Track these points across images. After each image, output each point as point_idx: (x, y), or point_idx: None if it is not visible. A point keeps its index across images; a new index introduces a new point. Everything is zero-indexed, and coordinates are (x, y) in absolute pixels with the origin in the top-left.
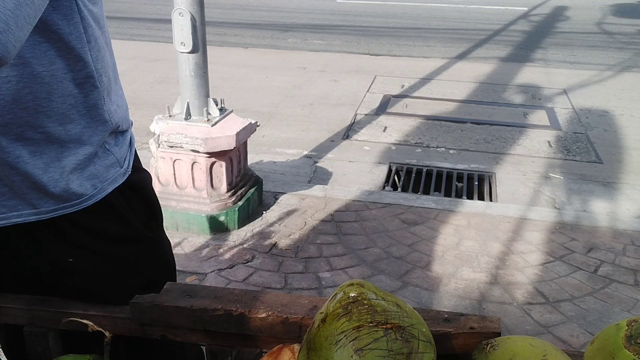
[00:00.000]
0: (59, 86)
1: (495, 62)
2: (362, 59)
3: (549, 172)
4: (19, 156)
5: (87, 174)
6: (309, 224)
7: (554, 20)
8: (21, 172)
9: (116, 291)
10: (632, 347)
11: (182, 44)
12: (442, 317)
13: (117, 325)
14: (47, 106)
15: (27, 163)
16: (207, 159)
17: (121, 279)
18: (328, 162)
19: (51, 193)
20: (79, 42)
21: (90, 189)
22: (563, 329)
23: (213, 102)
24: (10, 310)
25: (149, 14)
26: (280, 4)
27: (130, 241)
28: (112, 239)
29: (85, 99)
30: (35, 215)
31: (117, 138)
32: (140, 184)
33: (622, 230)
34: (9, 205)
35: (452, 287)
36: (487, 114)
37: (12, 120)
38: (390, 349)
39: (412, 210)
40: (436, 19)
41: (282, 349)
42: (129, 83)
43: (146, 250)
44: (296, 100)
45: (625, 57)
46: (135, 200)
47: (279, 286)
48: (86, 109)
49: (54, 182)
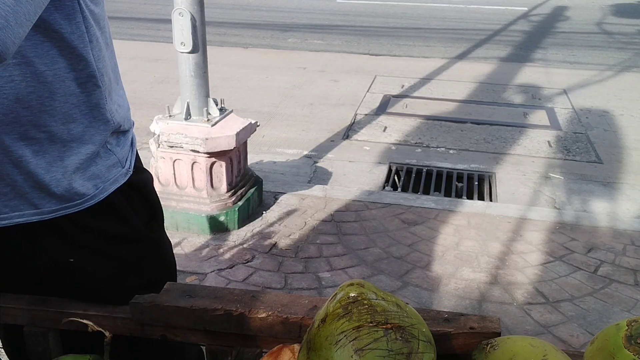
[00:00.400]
0: (62, 85)
1: (495, 62)
2: (362, 59)
3: (549, 172)
4: (21, 155)
5: (89, 174)
6: (309, 224)
7: (554, 20)
8: (24, 171)
9: (117, 291)
10: (632, 347)
11: (182, 44)
12: (442, 317)
13: (117, 325)
14: (49, 105)
15: (29, 162)
16: (207, 159)
17: (122, 279)
18: (328, 162)
19: (53, 193)
20: (81, 41)
21: (92, 189)
22: (563, 329)
23: (213, 102)
24: (10, 310)
25: (149, 14)
26: (280, 4)
27: (131, 241)
28: (113, 238)
29: (88, 98)
30: (37, 215)
31: (119, 138)
32: (141, 184)
33: (622, 230)
34: (11, 205)
35: (452, 287)
36: (487, 114)
37: (16, 119)
38: (390, 349)
39: (412, 210)
40: (436, 19)
41: (282, 349)
42: (129, 83)
43: (147, 250)
44: (296, 100)
45: (625, 57)
46: (136, 200)
47: (279, 286)
48: (88, 109)
49: (56, 182)
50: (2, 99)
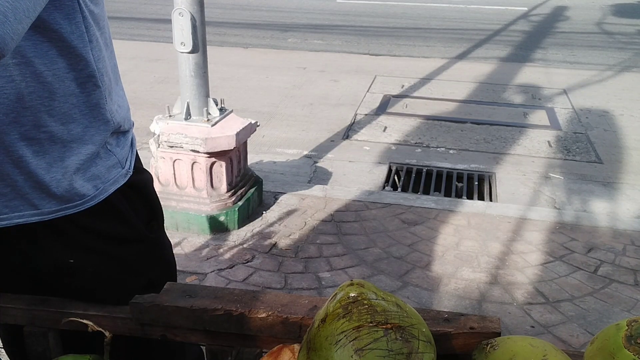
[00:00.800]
0: (61, 85)
1: (495, 62)
2: (362, 59)
3: (549, 172)
4: (22, 155)
5: (89, 174)
6: (309, 224)
7: (554, 20)
8: (24, 171)
9: (116, 291)
10: (632, 347)
11: (182, 44)
12: (442, 317)
13: (117, 325)
14: (49, 105)
15: (30, 163)
16: (207, 159)
17: (122, 280)
18: (328, 162)
19: (53, 193)
20: (81, 41)
21: (92, 190)
22: (563, 329)
23: (213, 102)
24: (10, 310)
25: (149, 14)
26: (280, 4)
27: (131, 241)
28: (114, 239)
29: (87, 98)
30: (37, 216)
31: (119, 138)
32: (141, 185)
33: (622, 230)
34: (11, 205)
35: (452, 287)
36: (487, 114)
37: (16, 119)
38: (390, 349)
39: (412, 210)
40: (436, 19)
41: (282, 349)
42: (129, 83)
43: (147, 251)
44: (296, 100)
45: (625, 57)
46: (136, 201)
47: (279, 286)
48: (88, 109)
49: (57, 182)
50: (3, 99)
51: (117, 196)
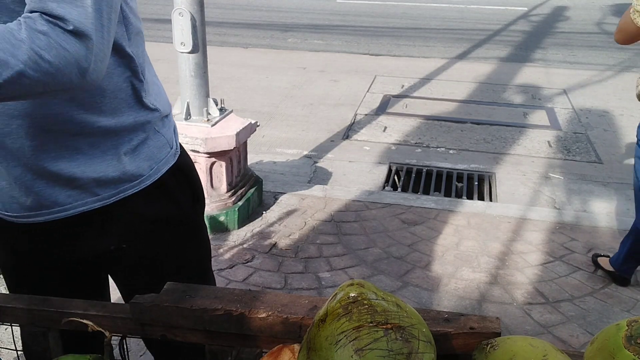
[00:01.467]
0: (110, 82)
1: (495, 62)
2: (362, 59)
3: (549, 172)
4: (77, 148)
5: (142, 155)
6: (309, 224)
7: (554, 20)
8: (81, 162)
9: (156, 276)
10: (632, 347)
11: (182, 44)
12: (442, 317)
13: (117, 325)
14: (101, 102)
15: (85, 154)
16: (207, 159)
17: (166, 263)
18: (328, 162)
19: (111, 178)
20: (123, 39)
21: (147, 170)
22: (563, 329)
23: (213, 102)
24: (10, 310)
25: (149, 14)
26: (280, 4)
27: (177, 224)
28: (162, 221)
29: (133, 91)
30: (99, 201)
31: (164, 121)
32: (186, 166)
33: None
34: (73, 195)
35: (452, 287)
36: (487, 114)
37: (70, 118)
38: (390, 349)
39: (412, 210)
40: (436, 19)
41: (282, 349)
42: None
43: (190, 233)
44: (296, 100)
45: (625, 57)
46: (183, 182)
47: (279, 286)
48: (134, 101)
49: (113, 168)
50: (58, 98)
51: (169, 176)
